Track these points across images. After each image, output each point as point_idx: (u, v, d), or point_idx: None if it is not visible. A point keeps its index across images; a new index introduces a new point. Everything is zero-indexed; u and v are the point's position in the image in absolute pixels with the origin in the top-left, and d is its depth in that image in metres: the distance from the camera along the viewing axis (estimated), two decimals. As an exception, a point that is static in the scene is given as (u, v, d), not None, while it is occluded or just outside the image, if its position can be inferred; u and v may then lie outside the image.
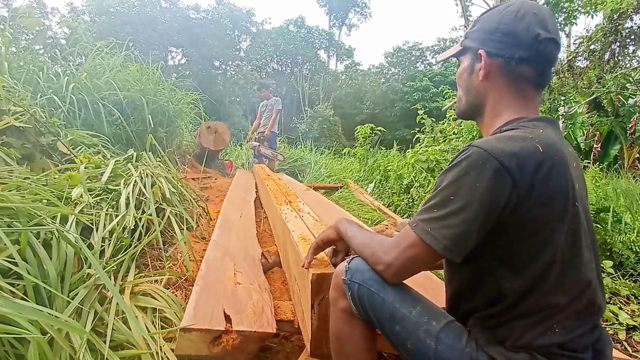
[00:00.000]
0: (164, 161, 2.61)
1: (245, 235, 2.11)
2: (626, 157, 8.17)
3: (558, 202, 0.67)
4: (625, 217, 2.98)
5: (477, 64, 0.81)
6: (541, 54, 0.74)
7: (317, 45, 28.60)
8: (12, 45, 3.12)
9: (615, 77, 4.31)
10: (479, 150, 0.67)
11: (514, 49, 0.75)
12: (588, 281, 0.70)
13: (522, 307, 0.69)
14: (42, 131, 2.10)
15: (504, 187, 0.64)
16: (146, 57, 4.40)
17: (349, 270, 0.83)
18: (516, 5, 0.76)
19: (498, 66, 0.77)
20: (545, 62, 0.75)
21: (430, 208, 0.71)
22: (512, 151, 0.65)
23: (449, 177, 0.69)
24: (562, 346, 0.68)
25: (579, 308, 0.69)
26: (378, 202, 4.25)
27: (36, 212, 1.20)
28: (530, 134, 0.69)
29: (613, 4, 3.75)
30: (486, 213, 0.65)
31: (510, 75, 0.77)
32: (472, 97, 0.84)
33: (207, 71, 22.97)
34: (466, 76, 0.84)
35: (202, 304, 1.18)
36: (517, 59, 0.75)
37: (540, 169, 0.65)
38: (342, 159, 8.62)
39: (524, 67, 0.76)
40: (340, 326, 0.86)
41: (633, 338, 1.66)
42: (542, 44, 0.73)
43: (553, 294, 0.68)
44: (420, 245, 0.70)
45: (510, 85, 0.78)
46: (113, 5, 19.58)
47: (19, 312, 0.83)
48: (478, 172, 0.65)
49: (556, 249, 0.67)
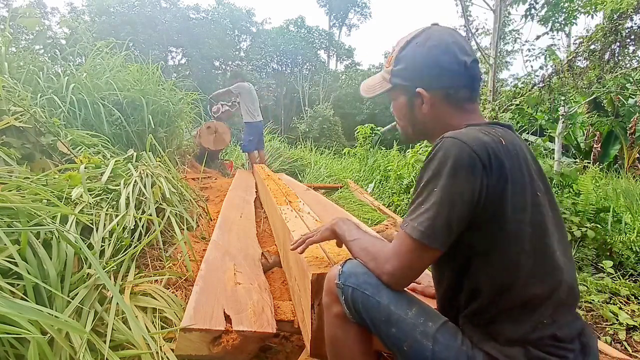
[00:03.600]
0: (164, 161, 2.61)
1: (245, 235, 2.11)
2: (626, 157, 8.18)
3: (521, 194, 0.70)
4: (625, 217, 2.98)
5: (415, 100, 0.85)
6: (472, 76, 0.82)
7: (317, 45, 28.59)
8: (12, 45, 3.12)
9: (615, 77, 4.30)
10: (453, 139, 0.71)
11: (449, 80, 0.82)
12: (561, 269, 0.72)
13: (503, 301, 0.71)
14: (42, 131, 2.10)
15: (477, 172, 0.68)
16: (146, 57, 4.39)
17: (343, 274, 0.83)
18: (435, 39, 0.82)
19: (439, 97, 0.83)
20: (476, 81, 0.83)
21: (417, 205, 0.74)
22: (482, 141, 0.70)
23: (429, 171, 0.72)
24: (554, 337, 0.69)
25: (561, 297, 0.71)
26: (378, 202, 4.25)
27: (36, 212, 1.20)
28: (491, 131, 0.75)
29: (613, 4, 3.74)
30: (465, 198, 0.68)
31: (451, 101, 0.84)
32: (420, 126, 0.89)
33: (207, 71, 22.96)
34: (407, 111, 0.89)
35: (202, 304, 1.18)
36: (454, 87, 0.82)
37: (505, 161, 0.70)
38: (342, 159, 8.62)
39: (461, 91, 0.83)
40: (335, 331, 0.86)
41: (633, 338, 1.66)
42: (470, 68, 0.81)
43: (531, 285, 0.70)
44: (412, 243, 0.72)
45: (454, 108, 0.84)
46: (113, 5, 19.57)
47: (19, 312, 0.83)
48: (453, 160, 0.69)
49: (523, 240, 0.70)
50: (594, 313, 1.83)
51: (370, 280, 0.80)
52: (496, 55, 5.49)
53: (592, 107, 8.72)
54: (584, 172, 4.75)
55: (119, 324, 1.11)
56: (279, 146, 7.79)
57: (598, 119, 7.87)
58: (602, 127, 8.13)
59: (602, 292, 1.98)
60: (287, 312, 1.33)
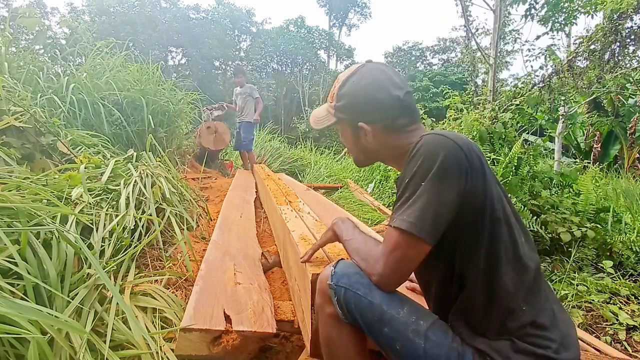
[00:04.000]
0: (164, 161, 2.61)
1: (245, 235, 2.11)
2: (626, 157, 8.18)
3: (494, 185, 0.76)
4: (625, 217, 2.98)
5: (360, 132, 0.91)
6: (406, 107, 0.87)
7: (317, 45, 28.57)
8: (12, 45, 3.12)
9: (615, 77, 4.30)
10: (437, 136, 0.76)
11: (386, 113, 0.87)
12: (525, 255, 0.76)
13: (486, 292, 0.73)
14: (42, 131, 2.10)
15: (463, 166, 0.72)
16: (146, 57, 4.40)
17: (335, 275, 0.84)
18: (368, 77, 0.88)
19: (379, 128, 0.89)
20: (410, 108, 0.88)
21: (404, 201, 0.75)
22: (458, 135, 0.76)
23: (415, 165, 0.75)
24: (533, 324, 0.72)
25: (529, 281, 0.74)
26: (378, 202, 4.25)
27: (36, 212, 1.20)
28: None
29: (613, 4, 3.74)
30: (453, 191, 0.71)
31: (392, 130, 0.89)
32: (369, 153, 0.95)
33: (207, 71, 22.96)
34: (353, 141, 0.95)
35: (202, 304, 1.18)
36: (391, 118, 0.87)
37: (475, 157, 0.74)
38: (342, 159, 8.62)
39: (399, 120, 0.88)
40: (329, 332, 0.86)
41: (633, 338, 1.66)
42: (404, 101, 0.86)
43: (508, 273, 0.73)
44: (400, 236, 0.73)
45: (396, 134, 0.89)
46: (113, 5, 19.56)
47: (19, 312, 0.83)
48: (442, 155, 0.72)
49: (501, 230, 0.74)
50: (594, 313, 1.83)
51: (363, 280, 0.80)
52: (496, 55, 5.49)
53: (592, 107, 8.72)
54: (584, 172, 4.75)
55: (119, 324, 1.11)
56: (279, 146, 7.78)
57: (598, 119, 7.87)
58: (602, 127, 8.14)
59: (602, 292, 1.98)
60: (287, 312, 1.33)
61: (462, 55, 7.98)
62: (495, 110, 4.04)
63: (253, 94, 5.42)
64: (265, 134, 7.73)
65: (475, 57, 7.18)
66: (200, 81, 18.15)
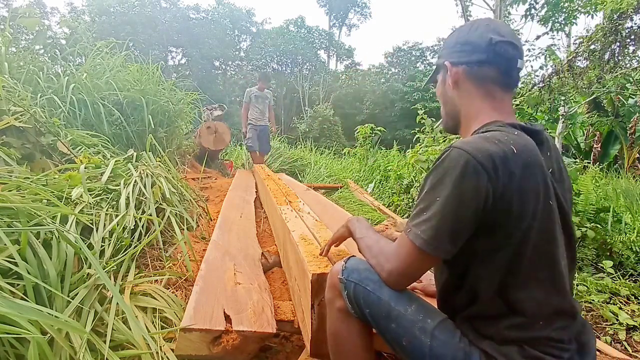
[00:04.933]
0: (164, 161, 2.61)
1: (245, 235, 2.11)
2: (626, 157, 8.17)
3: (530, 201, 0.69)
4: (625, 217, 2.97)
5: (445, 76, 0.88)
6: (498, 54, 0.79)
7: (317, 45, 28.58)
8: (12, 45, 3.12)
9: (615, 77, 4.30)
10: (458, 150, 0.70)
11: (472, 54, 0.82)
12: (562, 279, 0.72)
13: (499, 304, 0.72)
14: (42, 131, 2.10)
15: (482, 183, 0.68)
16: (146, 57, 4.39)
17: (346, 270, 0.86)
18: (471, 22, 0.85)
19: (463, 72, 0.84)
20: (504, 61, 0.80)
21: (420, 212, 0.74)
22: (489, 151, 0.69)
23: (433, 179, 0.73)
24: (548, 338, 0.70)
25: (558, 304, 0.71)
26: (378, 202, 4.25)
27: (36, 212, 1.20)
28: (505, 136, 0.73)
29: (613, 4, 3.75)
30: (469, 209, 0.68)
31: (475, 79, 0.83)
32: (448, 107, 0.90)
33: (207, 71, 22.98)
34: (442, 89, 0.91)
35: (202, 304, 1.18)
36: (476, 62, 0.81)
37: (513, 168, 0.68)
38: (342, 159, 8.62)
39: (486, 69, 0.81)
40: (337, 326, 0.87)
41: (633, 338, 1.66)
42: (497, 45, 0.79)
43: (529, 290, 0.70)
44: (413, 249, 0.73)
45: (478, 88, 0.83)
46: (113, 5, 19.57)
47: (19, 312, 0.83)
48: (458, 171, 0.69)
49: (527, 246, 0.69)
50: (594, 313, 1.83)
51: (372, 276, 0.82)
52: (496, 55, 5.47)
53: (592, 107, 8.72)
54: (584, 172, 4.75)
55: (119, 324, 1.11)
56: (279, 146, 7.77)
57: (598, 119, 7.87)
58: (602, 127, 8.14)
59: (602, 292, 1.98)
60: (287, 312, 1.33)
61: (462, 55, 7.95)
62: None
63: (271, 100, 5.53)
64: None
65: (475, 57, 7.14)
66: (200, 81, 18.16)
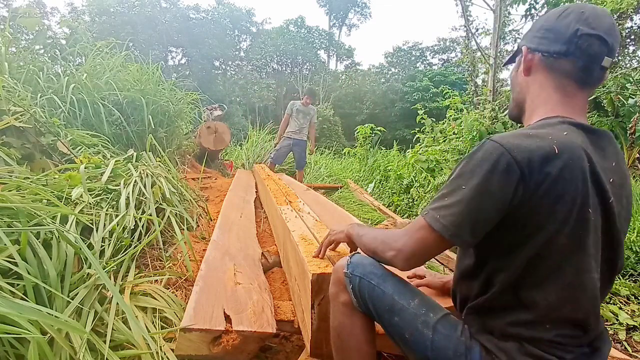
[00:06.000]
0: (164, 161, 2.61)
1: (245, 235, 2.11)
2: (626, 157, 8.16)
3: (563, 205, 0.65)
4: (625, 217, 2.97)
5: (520, 60, 0.83)
6: (580, 48, 0.72)
7: (317, 45, 28.59)
8: (12, 45, 3.12)
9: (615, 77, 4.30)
10: (494, 144, 0.68)
11: (552, 43, 0.75)
12: (585, 288, 0.68)
13: (510, 299, 0.71)
14: (42, 131, 2.10)
15: (512, 180, 0.65)
16: (146, 57, 4.39)
17: (351, 264, 0.88)
18: (565, 7, 0.77)
19: (538, 60, 0.78)
20: (585, 56, 0.73)
21: (442, 197, 0.72)
22: (526, 147, 0.66)
23: (463, 167, 0.71)
24: (552, 342, 0.68)
25: (575, 316, 0.68)
26: (378, 202, 4.25)
27: (36, 212, 1.20)
28: (550, 135, 0.68)
29: (613, 4, 3.75)
30: (494, 204, 0.66)
31: (549, 70, 0.77)
32: (516, 93, 0.86)
33: (207, 71, 22.99)
34: (514, 73, 0.86)
35: (202, 304, 1.18)
36: (554, 52, 0.75)
37: (550, 168, 0.65)
38: (342, 159, 8.62)
39: (562, 62, 0.75)
40: (341, 320, 0.89)
41: (633, 338, 1.66)
42: (581, 38, 0.72)
43: (542, 290, 0.68)
44: (429, 232, 0.72)
45: (550, 79, 0.77)
46: (113, 5, 19.57)
47: (19, 312, 0.83)
48: (490, 164, 0.66)
49: (552, 249, 0.67)
50: (594, 313, 1.83)
51: (376, 270, 0.85)
52: (496, 55, 5.49)
53: (592, 107, 8.71)
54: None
55: (119, 324, 1.11)
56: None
57: (598, 119, 7.86)
58: (602, 127, 8.13)
59: (602, 292, 1.98)
60: (287, 312, 1.33)
61: (462, 55, 7.98)
62: (495, 110, 4.05)
63: (314, 117, 5.40)
64: (265, 134, 7.73)
65: (475, 57, 7.18)
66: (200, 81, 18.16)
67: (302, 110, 5.30)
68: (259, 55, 24.86)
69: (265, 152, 7.07)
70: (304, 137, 5.37)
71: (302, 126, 5.31)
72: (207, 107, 6.12)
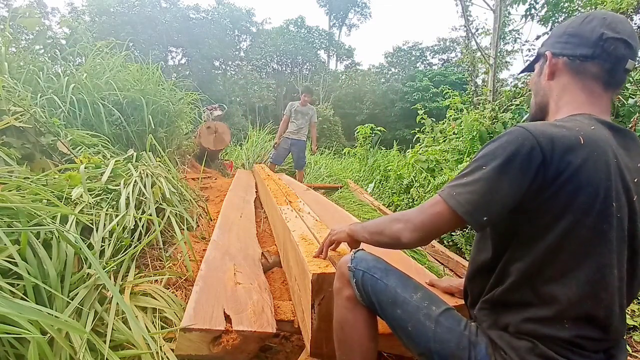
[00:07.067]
0: (164, 161, 2.61)
1: (245, 235, 2.11)
2: (626, 157, 8.16)
3: (585, 196, 0.65)
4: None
5: (543, 65, 0.84)
6: (606, 51, 0.74)
7: (317, 45, 28.61)
8: (12, 45, 3.12)
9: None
10: (521, 129, 0.68)
11: (578, 47, 0.77)
12: (607, 284, 0.66)
13: (525, 291, 0.69)
14: (42, 131, 2.10)
15: (533, 165, 0.65)
16: (146, 57, 4.39)
17: (355, 259, 0.90)
18: (587, 14, 0.79)
19: (563, 64, 0.79)
20: (611, 59, 0.74)
21: (461, 176, 0.73)
22: (552, 135, 0.66)
23: (486, 150, 0.71)
24: (569, 342, 0.66)
25: (594, 312, 0.66)
26: (378, 202, 4.25)
27: (36, 212, 1.20)
28: (577, 127, 0.69)
29: (613, 4, 3.75)
30: (512, 186, 0.66)
31: (574, 72, 0.78)
32: (539, 97, 0.86)
33: (207, 71, 23.00)
34: (536, 79, 0.87)
35: (202, 304, 1.17)
36: (580, 56, 0.76)
37: (573, 158, 0.65)
38: (342, 159, 8.62)
39: (589, 65, 0.76)
40: (345, 314, 0.90)
41: (633, 338, 1.66)
42: (607, 42, 0.73)
43: (561, 283, 0.66)
44: (444, 207, 0.72)
45: (576, 82, 0.78)
46: (113, 5, 19.58)
47: (19, 312, 0.83)
48: (514, 147, 0.66)
49: (572, 241, 0.66)
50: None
51: (379, 265, 0.87)
52: (496, 55, 5.49)
53: (592, 107, 8.72)
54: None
55: (119, 324, 1.11)
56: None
57: (598, 119, 7.86)
58: (602, 127, 8.11)
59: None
60: (287, 312, 1.33)
61: (462, 55, 7.98)
62: (495, 110, 4.04)
63: (314, 117, 5.38)
64: (265, 134, 7.73)
65: (475, 57, 7.18)
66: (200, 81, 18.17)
67: (300, 111, 5.32)
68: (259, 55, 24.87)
69: (265, 152, 7.07)
70: (302, 138, 5.38)
71: (301, 127, 5.33)
72: (207, 107, 6.12)
